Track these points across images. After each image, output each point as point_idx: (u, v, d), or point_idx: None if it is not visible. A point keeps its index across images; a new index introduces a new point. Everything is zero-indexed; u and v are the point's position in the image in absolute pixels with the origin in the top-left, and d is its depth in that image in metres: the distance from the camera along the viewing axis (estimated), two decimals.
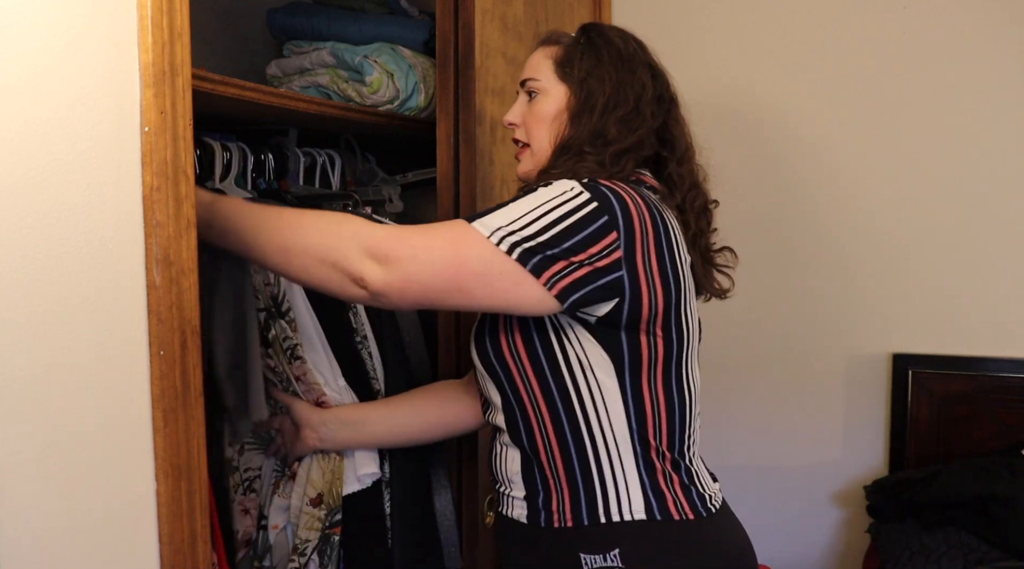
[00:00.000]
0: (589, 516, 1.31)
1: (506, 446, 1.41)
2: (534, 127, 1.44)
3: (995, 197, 2.20)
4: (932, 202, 2.25)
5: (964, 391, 2.20)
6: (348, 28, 2.01)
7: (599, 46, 1.41)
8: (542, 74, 1.44)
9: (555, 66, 1.43)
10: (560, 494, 1.34)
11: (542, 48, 1.47)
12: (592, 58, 1.40)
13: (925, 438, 2.24)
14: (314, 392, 1.56)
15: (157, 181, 1.12)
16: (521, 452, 1.38)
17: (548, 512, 1.34)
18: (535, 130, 1.44)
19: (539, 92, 1.44)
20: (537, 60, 1.46)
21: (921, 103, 2.25)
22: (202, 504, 1.21)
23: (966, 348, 2.23)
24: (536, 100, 1.44)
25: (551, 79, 1.43)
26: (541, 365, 1.32)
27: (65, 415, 1.04)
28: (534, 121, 1.44)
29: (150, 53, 1.11)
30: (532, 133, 1.44)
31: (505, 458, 1.42)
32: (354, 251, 1.23)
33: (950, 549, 1.88)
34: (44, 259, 1.00)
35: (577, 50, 1.42)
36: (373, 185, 2.19)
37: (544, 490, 1.35)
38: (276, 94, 1.57)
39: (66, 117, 1.02)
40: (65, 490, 1.04)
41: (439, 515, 1.75)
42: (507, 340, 1.34)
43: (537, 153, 1.44)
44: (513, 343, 1.34)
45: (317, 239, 1.25)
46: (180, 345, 1.16)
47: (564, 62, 1.43)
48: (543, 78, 1.44)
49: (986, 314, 2.22)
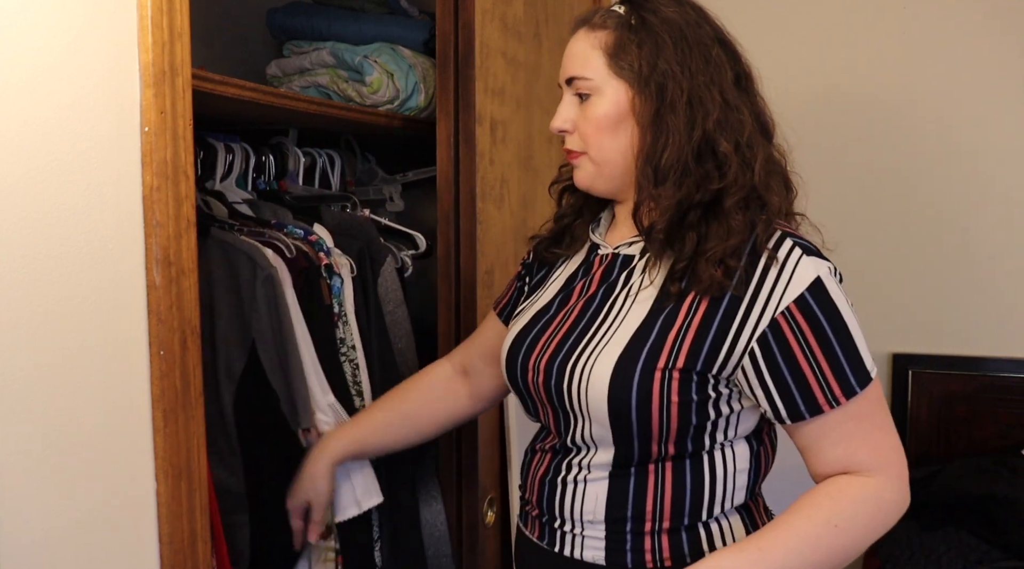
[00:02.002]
0: (692, 555, 1.20)
1: (585, 483, 1.23)
2: (593, 134, 1.22)
3: (995, 196, 2.20)
4: (931, 201, 2.25)
5: (964, 391, 2.20)
6: (348, 28, 2.01)
7: (655, 26, 1.18)
8: (592, 70, 1.21)
9: (607, 58, 1.20)
10: (658, 538, 1.21)
11: (584, 34, 1.23)
12: (651, 43, 1.17)
13: (925, 438, 2.24)
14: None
15: (157, 181, 1.12)
16: (615, 495, 1.22)
17: (639, 553, 1.21)
18: (595, 138, 1.22)
19: (592, 93, 1.21)
20: (582, 51, 1.22)
21: (921, 102, 2.25)
22: (202, 504, 1.21)
23: (966, 348, 2.23)
24: (591, 103, 1.21)
25: (604, 75, 1.20)
26: (689, 417, 1.16)
27: (65, 415, 1.04)
28: (592, 128, 1.21)
29: (150, 53, 1.11)
30: (591, 141, 1.23)
31: (580, 496, 1.24)
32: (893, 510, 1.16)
33: (950, 549, 1.88)
34: (44, 259, 1.00)
35: (631, 34, 1.18)
36: (373, 185, 2.19)
37: (637, 534, 1.21)
38: (276, 94, 1.57)
39: (66, 117, 1.02)
40: (65, 490, 1.04)
41: (428, 526, 1.74)
42: (662, 384, 1.15)
43: (601, 163, 1.23)
44: (667, 389, 1.15)
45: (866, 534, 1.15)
46: (180, 345, 1.16)
47: (616, 52, 1.19)
48: (595, 75, 1.20)
49: (986, 314, 2.22)
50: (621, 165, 1.23)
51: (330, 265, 1.62)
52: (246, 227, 1.57)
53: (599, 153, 1.22)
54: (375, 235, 1.80)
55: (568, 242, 1.37)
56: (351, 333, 1.66)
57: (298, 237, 1.61)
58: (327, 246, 1.64)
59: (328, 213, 1.79)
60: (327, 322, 1.61)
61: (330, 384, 1.56)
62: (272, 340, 1.47)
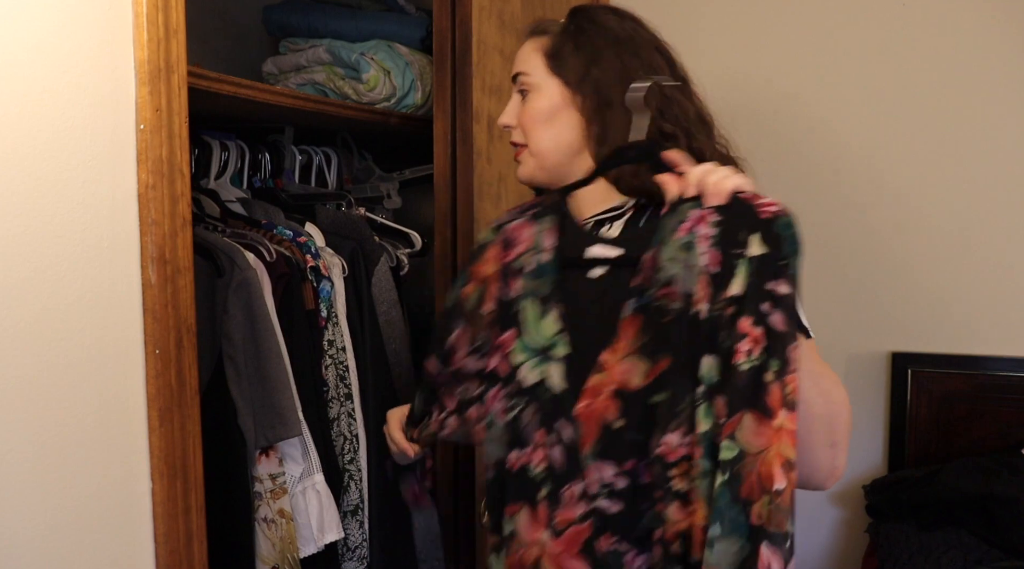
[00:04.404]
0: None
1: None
2: (531, 127, 1.33)
3: (995, 196, 2.19)
4: (931, 201, 2.25)
5: (964, 390, 2.19)
6: (345, 25, 2.00)
7: (590, 32, 1.30)
8: (531, 68, 1.32)
9: (545, 58, 1.31)
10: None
11: (530, 40, 1.35)
12: (587, 46, 1.28)
13: (924, 437, 2.24)
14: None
15: (152, 179, 1.11)
16: None
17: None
18: (532, 130, 1.33)
19: (531, 89, 1.33)
20: (526, 54, 1.35)
21: (921, 101, 2.24)
22: (198, 503, 1.20)
23: (966, 347, 2.22)
24: (529, 98, 1.33)
25: (542, 73, 1.31)
26: None
27: (60, 414, 1.03)
28: (530, 121, 1.32)
29: (145, 50, 1.10)
30: (530, 133, 1.33)
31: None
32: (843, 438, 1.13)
33: (949, 549, 1.88)
34: (39, 257, 0.99)
35: (568, 39, 1.30)
36: (370, 182, 2.18)
37: None
38: (272, 91, 1.56)
39: (60, 115, 1.02)
40: (60, 489, 1.04)
41: (421, 530, 1.73)
42: None
43: (538, 154, 1.33)
44: None
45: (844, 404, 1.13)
46: (176, 344, 1.15)
47: (554, 53, 1.30)
48: (533, 73, 1.32)
49: (986, 313, 2.21)
50: (556, 156, 1.32)
51: (317, 267, 1.60)
52: (229, 228, 1.55)
53: (536, 144, 1.32)
54: (369, 234, 1.79)
55: None
56: (341, 335, 1.65)
57: (287, 238, 1.60)
58: (316, 248, 1.63)
59: (322, 212, 1.78)
60: (309, 327, 1.58)
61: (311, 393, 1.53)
62: (241, 347, 1.42)
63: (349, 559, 1.65)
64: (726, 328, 1.00)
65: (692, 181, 1.11)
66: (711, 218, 1.05)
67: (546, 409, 1.14)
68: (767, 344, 0.97)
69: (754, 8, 2.38)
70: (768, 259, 1.00)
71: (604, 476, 1.09)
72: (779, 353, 0.96)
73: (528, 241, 1.24)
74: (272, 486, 1.45)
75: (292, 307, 1.52)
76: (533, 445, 1.15)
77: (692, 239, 1.05)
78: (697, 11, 2.43)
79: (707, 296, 1.02)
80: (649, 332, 1.07)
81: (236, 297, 1.41)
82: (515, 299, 1.21)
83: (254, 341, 1.43)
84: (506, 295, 1.23)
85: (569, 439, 1.11)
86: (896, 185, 2.28)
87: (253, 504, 1.44)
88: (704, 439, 0.99)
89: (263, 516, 1.45)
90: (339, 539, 1.56)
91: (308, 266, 1.58)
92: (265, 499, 1.45)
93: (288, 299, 1.52)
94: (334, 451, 1.61)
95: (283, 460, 1.48)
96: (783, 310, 0.98)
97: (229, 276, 1.42)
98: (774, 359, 0.96)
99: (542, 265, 1.20)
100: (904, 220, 2.28)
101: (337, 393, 1.63)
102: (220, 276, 1.42)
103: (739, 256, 1.01)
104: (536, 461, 1.14)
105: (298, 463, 1.50)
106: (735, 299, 1.00)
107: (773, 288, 0.99)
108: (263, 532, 1.45)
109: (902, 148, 2.27)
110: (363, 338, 1.69)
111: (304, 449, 1.50)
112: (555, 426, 1.12)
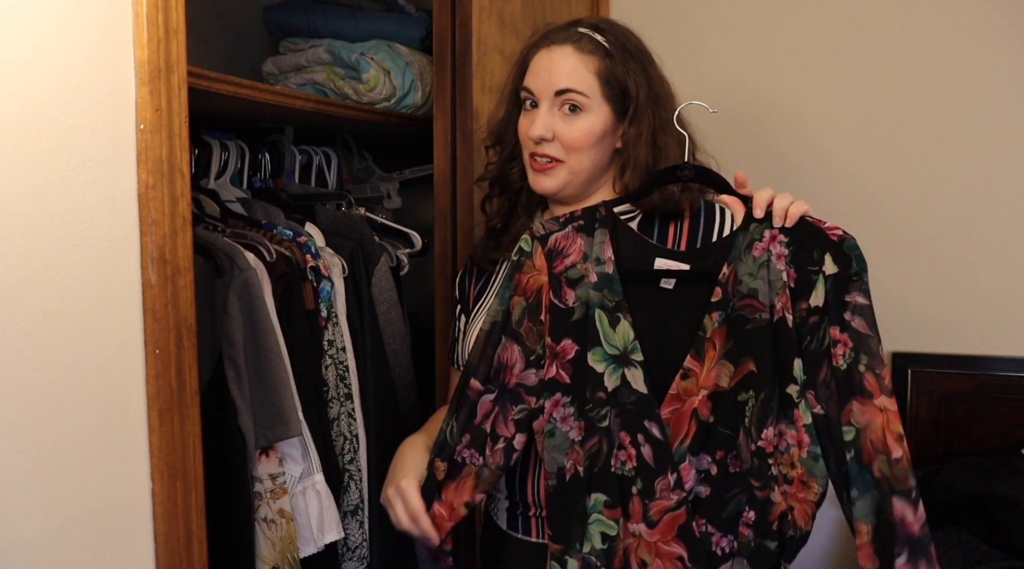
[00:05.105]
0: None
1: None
2: (579, 147, 1.32)
3: (995, 196, 2.19)
4: (932, 200, 2.24)
5: (964, 390, 2.19)
6: (345, 25, 2.00)
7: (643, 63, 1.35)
8: (587, 89, 1.31)
9: (600, 82, 1.31)
10: None
11: (576, 54, 1.32)
12: (644, 83, 1.32)
13: (924, 437, 2.23)
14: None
15: (152, 179, 1.11)
16: None
17: None
18: (579, 150, 1.32)
19: (584, 109, 1.31)
20: (578, 71, 1.32)
21: (921, 101, 2.24)
22: (198, 504, 1.20)
23: (966, 347, 2.22)
24: (582, 119, 1.31)
25: (598, 98, 1.31)
26: None
27: (60, 414, 1.03)
28: (581, 141, 1.32)
29: (145, 50, 1.10)
30: (574, 152, 1.32)
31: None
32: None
33: (950, 549, 1.88)
34: (39, 257, 0.99)
35: (621, 67, 1.31)
36: (370, 182, 2.18)
37: None
38: (272, 91, 1.56)
39: (60, 115, 1.02)
40: (60, 489, 1.03)
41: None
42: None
43: (578, 173, 1.34)
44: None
45: None
46: (176, 344, 1.15)
47: (610, 79, 1.31)
48: (590, 94, 1.31)
49: (986, 314, 2.21)
50: (591, 176, 1.35)
51: (317, 267, 1.60)
52: (229, 228, 1.55)
53: (579, 163, 1.33)
54: (369, 234, 1.79)
55: (507, 243, 1.42)
56: (341, 335, 1.64)
57: (287, 238, 1.59)
58: (316, 248, 1.62)
59: (322, 212, 1.78)
60: (309, 327, 1.57)
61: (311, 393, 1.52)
62: (241, 347, 1.41)
63: (349, 559, 1.65)
64: (810, 334, 1.19)
65: (760, 204, 1.23)
66: (781, 238, 1.22)
67: (629, 411, 1.22)
68: (854, 345, 1.17)
69: (754, 9, 2.38)
70: (842, 275, 1.18)
71: (700, 465, 1.22)
72: (866, 350, 1.17)
73: (579, 252, 1.27)
74: (272, 486, 1.45)
75: (292, 307, 1.52)
76: (619, 446, 1.23)
77: (768, 257, 1.21)
78: (697, 11, 2.43)
79: (788, 307, 1.19)
80: (732, 339, 1.21)
81: (236, 297, 1.41)
82: (574, 308, 1.25)
83: (254, 341, 1.42)
84: (564, 304, 1.25)
85: (659, 437, 1.21)
86: (896, 185, 2.27)
87: (253, 504, 1.43)
88: (810, 430, 1.19)
89: (263, 516, 1.44)
90: (339, 539, 1.56)
91: (308, 266, 1.58)
92: (265, 499, 1.44)
93: (288, 299, 1.51)
94: (334, 451, 1.61)
95: (283, 460, 1.48)
96: (862, 316, 1.18)
97: (229, 276, 1.41)
98: (863, 355, 1.17)
99: (607, 275, 1.25)
100: (904, 220, 2.28)
101: (337, 393, 1.63)
102: (220, 276, 1.41)
103: (816, 272, 1.19)
104: (624, 460, 1.23)
105: (298, 463, 1.50)
106: (816, 309, 1.19)
107: (852, 299, 1.18)
108: (263, 532, 1.45)
109: (902, 148, 2.27)
110: (363, 338, 1.69)
111: (304, 449, 1.50)
112: (644, 426, 1.21)
